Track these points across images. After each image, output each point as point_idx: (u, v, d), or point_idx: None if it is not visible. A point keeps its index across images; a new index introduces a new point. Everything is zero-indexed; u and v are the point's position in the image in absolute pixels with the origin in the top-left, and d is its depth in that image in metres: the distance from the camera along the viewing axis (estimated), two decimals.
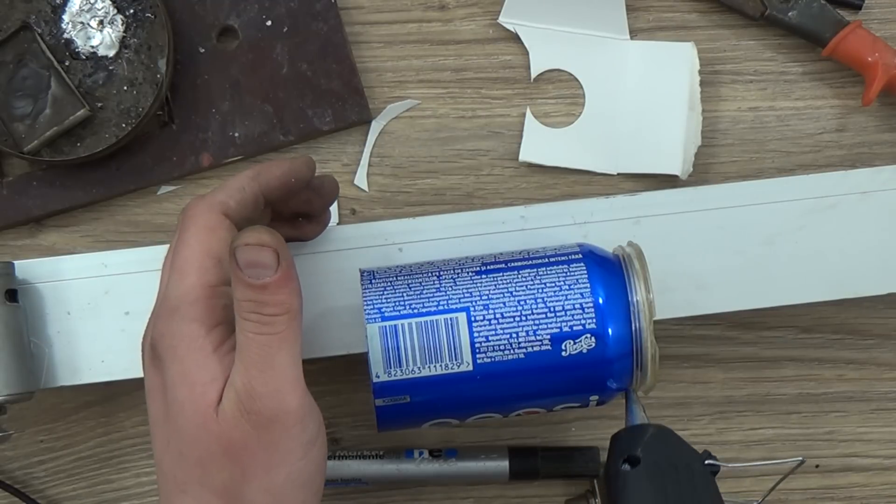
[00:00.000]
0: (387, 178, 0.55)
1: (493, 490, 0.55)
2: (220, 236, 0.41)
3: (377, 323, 0.42)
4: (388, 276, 0.44)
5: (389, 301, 0.43)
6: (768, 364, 0.55)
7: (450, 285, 0.43)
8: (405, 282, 0.44)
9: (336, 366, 0.54)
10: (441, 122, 0.55)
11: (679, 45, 0.54)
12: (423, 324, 0.42)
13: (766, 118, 0.56)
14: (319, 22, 0.54)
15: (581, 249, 0.45)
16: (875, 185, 0.49)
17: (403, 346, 0.42)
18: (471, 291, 0.43)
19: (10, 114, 0.51)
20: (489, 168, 0.55)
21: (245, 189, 0.42)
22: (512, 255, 0.45)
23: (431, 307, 0.43)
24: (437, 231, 0.49)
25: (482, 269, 0.44)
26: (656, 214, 0.49)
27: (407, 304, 0.43)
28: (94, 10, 0.52)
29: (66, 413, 0.54)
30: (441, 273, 0.44)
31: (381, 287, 0.43)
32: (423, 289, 0.43)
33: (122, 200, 0.55)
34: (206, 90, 0.54)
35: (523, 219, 0.49)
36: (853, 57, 0.53)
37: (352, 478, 0.53)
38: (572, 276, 0.43)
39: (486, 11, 0.55)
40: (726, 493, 0.44)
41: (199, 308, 0.39)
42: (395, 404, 0.43)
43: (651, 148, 0.54)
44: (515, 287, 0.43)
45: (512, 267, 0.44)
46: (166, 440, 0.39)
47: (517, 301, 0.43)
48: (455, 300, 0.43)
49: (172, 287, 0.40)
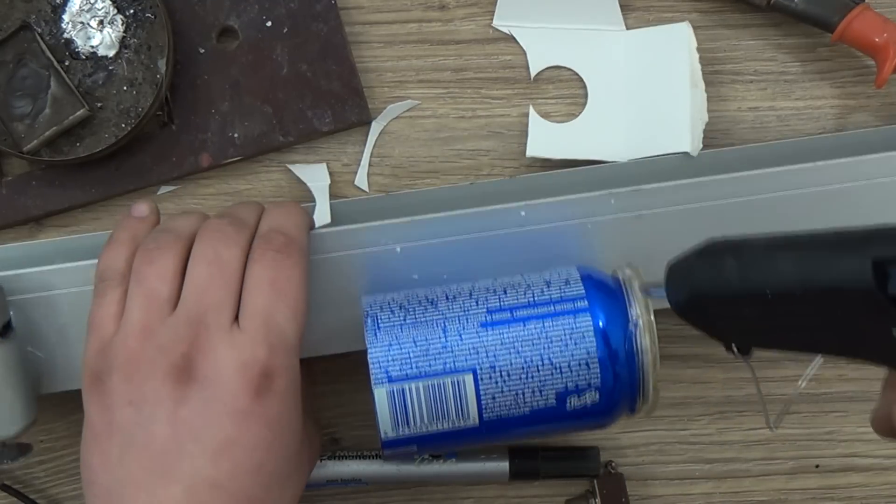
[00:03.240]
0: (387, 179, 0.55)
1: (493, 490, 0.55)
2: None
3: (384, 386, 0.43)
4: (392, 326, 0.44)
5: (395, 361, 0.43)
6: (768, 364, 0.55)
7: (456, 341, 0.44)
8: (410, 335, 0.44)
9: (336, 366, 0.54)
10: (441, 122, 0.55)
11: (675, 26, 0.54)
12: (430, 386, 0.43)
13: (766, 118, 0.56)
14: (319, 23, 0.54)
15: (587, 294, 0.44)
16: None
17: (411, 407, 0.43)
18: (477, 349, 0.44)
19: (10, 113, 0.51)
20: (489, 168, 0.55)
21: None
22: (517, 300, 0.44)
23: (438, 367, 0.43)
24: (435, 229, 0.48)
25: (488, 322, 0.44)
26: (658, 209, 0.48)
27: (413, 364, 0.43)
28: (94, 10, 0.52)
29: (66, 413, 0.54)
30: (447, 325, 0.44)
31: (386, 343, 0.44)
32: (428, 345, 0.44)
33: (122, 200, 0.55)
34: (205, 90, 0.54)
35: (524, 216, 0.48)
36: (862, 39, 0.52)
37: (352, 478, 0.53)
38: (578, 330, 0.44)
39: (486, 11, 0.55)
40: (727, 494, 0.44)
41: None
42: (404, 452, 0.44)
43: (659, 129, 0.53)
44: (522, 344, 0.44)
45: (518, 318, 0.44)
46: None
47: (523, 359, 0.43)
48: (462, 359, 0.43)
49: (288, 323, 0.42)
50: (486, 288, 0.45)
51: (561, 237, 0.48)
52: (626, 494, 0.53)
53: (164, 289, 0.42)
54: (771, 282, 0.34)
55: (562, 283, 0.45)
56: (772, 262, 0.34)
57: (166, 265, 0.42)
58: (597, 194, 0.48)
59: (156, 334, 0.41)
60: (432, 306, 0.45)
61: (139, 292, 0.42)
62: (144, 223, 0.46)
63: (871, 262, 0.31)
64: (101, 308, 0.43)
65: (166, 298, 0.42)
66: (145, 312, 0.41)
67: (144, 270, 0.42)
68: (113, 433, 0.40)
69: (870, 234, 0.32)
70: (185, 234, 0.43)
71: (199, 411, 0.40)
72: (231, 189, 0.55)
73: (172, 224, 0.45)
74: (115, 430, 0.40)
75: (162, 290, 0.42)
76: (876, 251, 0.31)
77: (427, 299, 0.45)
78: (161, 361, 0.40)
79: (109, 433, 0.41)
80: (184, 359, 0.40)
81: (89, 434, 0.42)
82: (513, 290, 0.45)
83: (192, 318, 0.41)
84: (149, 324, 0.41)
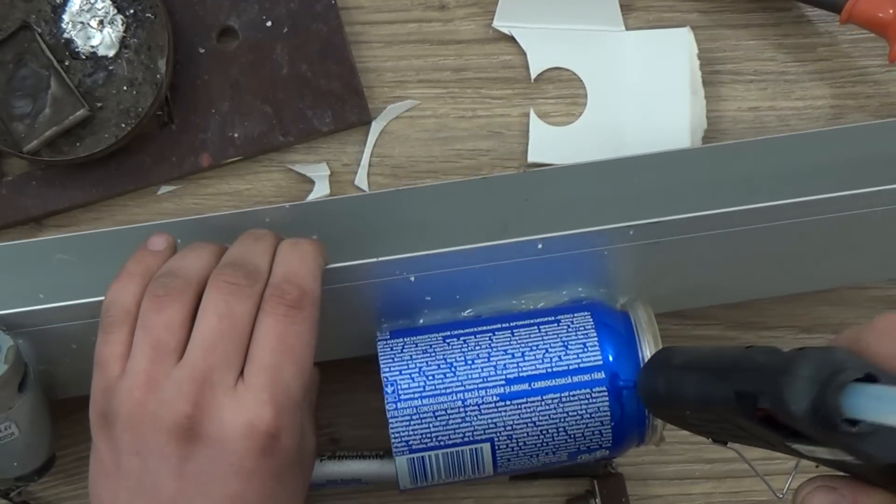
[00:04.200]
0: (387, 179, 0.55)
1: (492, 490, 0.55)
2: None
3: (405, 455, 0.45)
4: (412, 398, 0.45)
5: (416, 434, 0.45)
6: None
7: (475, 415, 0.45)
8: (430, 408, 0.45)
9: (336, 366, 0.54)
10: (441, 122, 0.55)
11: (675, 30, 0.54)
12: (449, 454, 0.45)
13: (766, 118, 0.56)
14: (319, 23, 0.54)
15: (604, 362, 0.45)
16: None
17: (430, 470, 0.46)
18: (495, 422, 0.45)
19: (10, 113, 0.51)
20: (489, 168, 0.55)
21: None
22: (535, 368, 0.45)
23: (457, 439, 0.45)
24: (451, 261, 0.47)
25: (506, 394, 0.45)
26: (676, 237, 0.47)
27: (433, 437, 0.45)
28: (94, 10, 0.51)
29: (66, 413, 0.54)
30: (466, 397, 0.45)
31: (406, 416, 0.45)
32: (448, 418, 0.45)
33: (122, 200, 0.55)
34: (205, 90, 0.54)
35: (540, 248, 0.47)
36: (870, 17, 0.51)
37: (352, 478, 0.53)
38: (594, 403, 0.45)
39: (486, 11, 0.55)
40: (727, 494, 0.44)
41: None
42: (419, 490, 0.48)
43: (658, 135, 0.54)
44: (539, 417, 0.45)
45: (536, 390, 0.45)
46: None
47: (540, 430, 0.45)
48: (480, 431, 0.45)
49: (294, 381, 0.41)
50: (503, 348, 0.46)
51: (576, 263, 0.47)
52: (626, 494, 0.53)
53: (171, 340, 0.41)
54: (684, 399, 0.37)
55: (579, 347, 0.45)
56: (681, 382, 0.38)
57: (174, 315, 0.41)
58: (615, 226, 0.47)
59: (160, 388, 0.40)
60: (451, 372, 0.45)
61: (146, 341, 0.41)
62: (158, 258, 0.44)
63: (734, 394, 0.33)
64: (107, 346, 0.42)
65: (173, 349, 0.41)
66: (151, 363, 0.40)
67: (152, 319, 0.41)
68: (121, 476, 0.41)
69: (735, 365, 0.34)
70: (195, 277, 0.42)
71: (206, 468, 0.40)
72: (231, 189, 0.55)
73: (184, 264, 0.43)
74: (123, 475, 0.40)
75: (169, 341, 0.41)
76: (735, 385, 0.33)
77: (445, 361, 0.46)
78: (165, 418, 0.40)
79: (118, 475, 0.41)
80: (189, 420, 0.39)
81: (99, 468, 0.42)
82: (531, 353, 0.45)
83: (197, 375, 0.40)
84: (154, 375, 0.40)
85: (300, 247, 0.44)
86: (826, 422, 0.30)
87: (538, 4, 0.55)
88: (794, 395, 0.31)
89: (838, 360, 0.31)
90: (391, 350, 0.46)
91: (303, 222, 0.50)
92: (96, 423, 0.42)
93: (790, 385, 0.31)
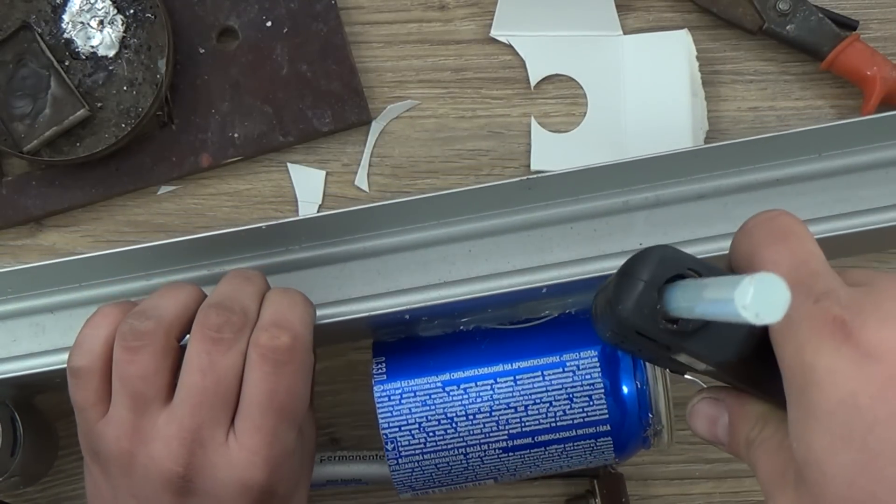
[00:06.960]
0: (387, 179, 0.55)
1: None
2: None
3: (409, 493, 0.47)
4: (413, 453, 0.45)
5: (419, 480, 0.46)
6: None
7: (477, 464, 0.45)
8: (432, 461, 0.45)
9: (336, 366, 0.54)
10: (441, 122, 0.55)
11: (673, 33, 0.54)
12: (451, 489, 0.47)
13: (766, 118, 0.56)
14: (319, 23, 0.54)
15: (610, 418, 0.45)
16: None
17: (432, 494, 0.47)
18: (498, 468, 0.45)
19: (10, 113, 0.51)
20: (489, 168, 0.55)
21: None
22: (539, 423, 0.44)
23: (461, 481, 0.46)
24: (451, 308, 0.46)
25: (509, 447, 0.45)
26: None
27: (437, 481, 0.46)
28: (94, 10, 0.52)
29: (66, 413, 0.54)
30: (468, 451, 0.45)
31: (409, 468, 0.45)
32: (450, 468, 0.45)
33: (122, 200, 0.55)
34: (205, 91, 0.54)
35: (544, 293, 0.45)
36: (851, 70, 0.53)
37: (352, 478, 0.53)
38: (598, 449, 0.45)
39: (486, 11, 0.55)
40: (727, 494, 0.44)
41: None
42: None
43: (660, 138, 0.54)
44: (542, 461, 0.45)
45: (539, 443, 0.45)
46: None
47: (543, 469, 0.46)
48: (483, 474, 0.46)
49: (288, 434, 0.40)
50: (506, 401, 0.45)
51: (579, 296, 0.47)
52: (626, 494, 0.53)
53: (148, 389, 0.39)
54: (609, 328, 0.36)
55: (584, 400, 0.44)
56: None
57: (147, 365, 0.39)
58: (615, 260, 0.46)
59: (148, 441, 0.39)
60: (452, 427, 0.45)
61: (124, 392, 0.39)
62: (128, 304, 0.42)
63: (608, 304, 0.32)
64: (80, 391, 0.40)
65: (153, 397, 0.39)
66: (132, 413, 0.39)
67: (126, 370, 0.39)
68: None
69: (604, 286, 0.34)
70: (168, 317, 0.40)
71: None
72: (231, 189, 0.55)
73: (159, 303, 0.41)
74: None
75: (146, 391, 0.39)
76: (607, 295, 0.33)
77: (446, 416, 0.45)
78: (157, 475, 0.39)
79: None
80: (181, 479, 0.39)
81: (96, 491, 0.41)
82: (535, 407, 0.45)
83: (185, 434, 0.39)
84: (139, 425, 0.39)
85: (290, 293, 0.42)
86: (648, 320, 0.29)
87: (535, 12, 0.55)
88: (621, 295, 0.30)
89: (670, 257, 0.30)
90: (389, 400, 0.45)
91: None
92: (89, 457, 0.41)
93: (620, 286, 0.31)
